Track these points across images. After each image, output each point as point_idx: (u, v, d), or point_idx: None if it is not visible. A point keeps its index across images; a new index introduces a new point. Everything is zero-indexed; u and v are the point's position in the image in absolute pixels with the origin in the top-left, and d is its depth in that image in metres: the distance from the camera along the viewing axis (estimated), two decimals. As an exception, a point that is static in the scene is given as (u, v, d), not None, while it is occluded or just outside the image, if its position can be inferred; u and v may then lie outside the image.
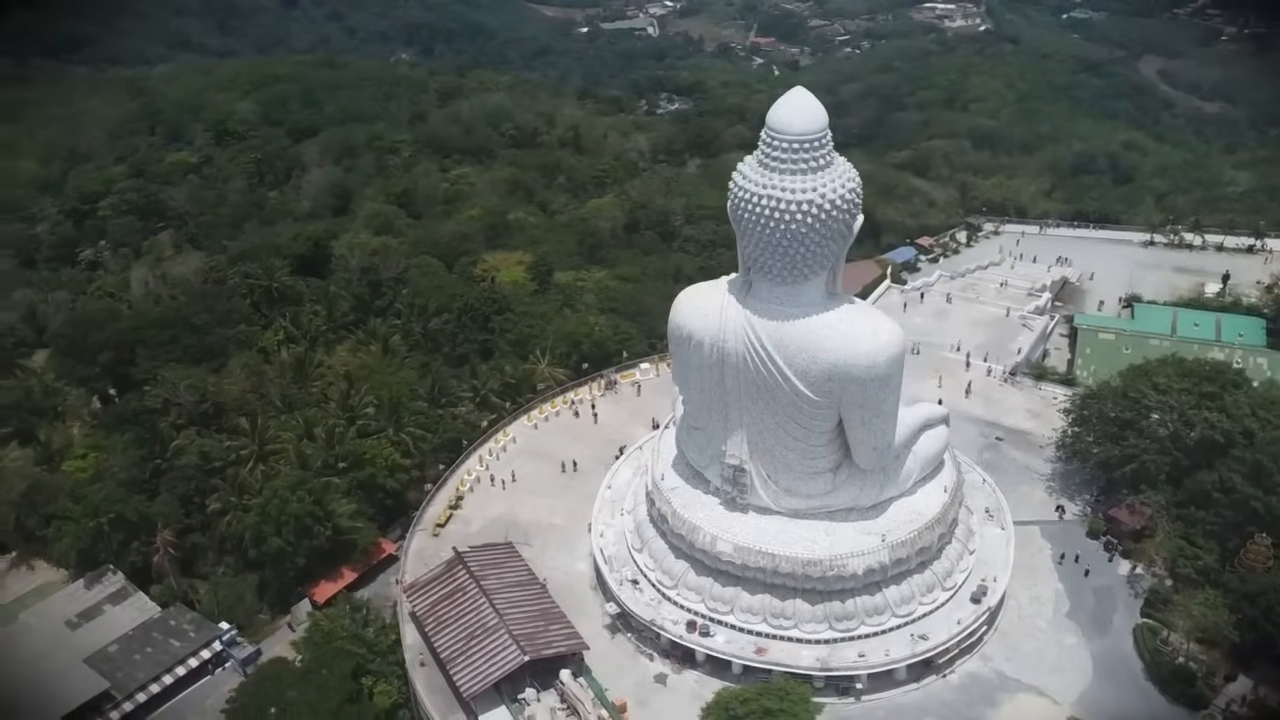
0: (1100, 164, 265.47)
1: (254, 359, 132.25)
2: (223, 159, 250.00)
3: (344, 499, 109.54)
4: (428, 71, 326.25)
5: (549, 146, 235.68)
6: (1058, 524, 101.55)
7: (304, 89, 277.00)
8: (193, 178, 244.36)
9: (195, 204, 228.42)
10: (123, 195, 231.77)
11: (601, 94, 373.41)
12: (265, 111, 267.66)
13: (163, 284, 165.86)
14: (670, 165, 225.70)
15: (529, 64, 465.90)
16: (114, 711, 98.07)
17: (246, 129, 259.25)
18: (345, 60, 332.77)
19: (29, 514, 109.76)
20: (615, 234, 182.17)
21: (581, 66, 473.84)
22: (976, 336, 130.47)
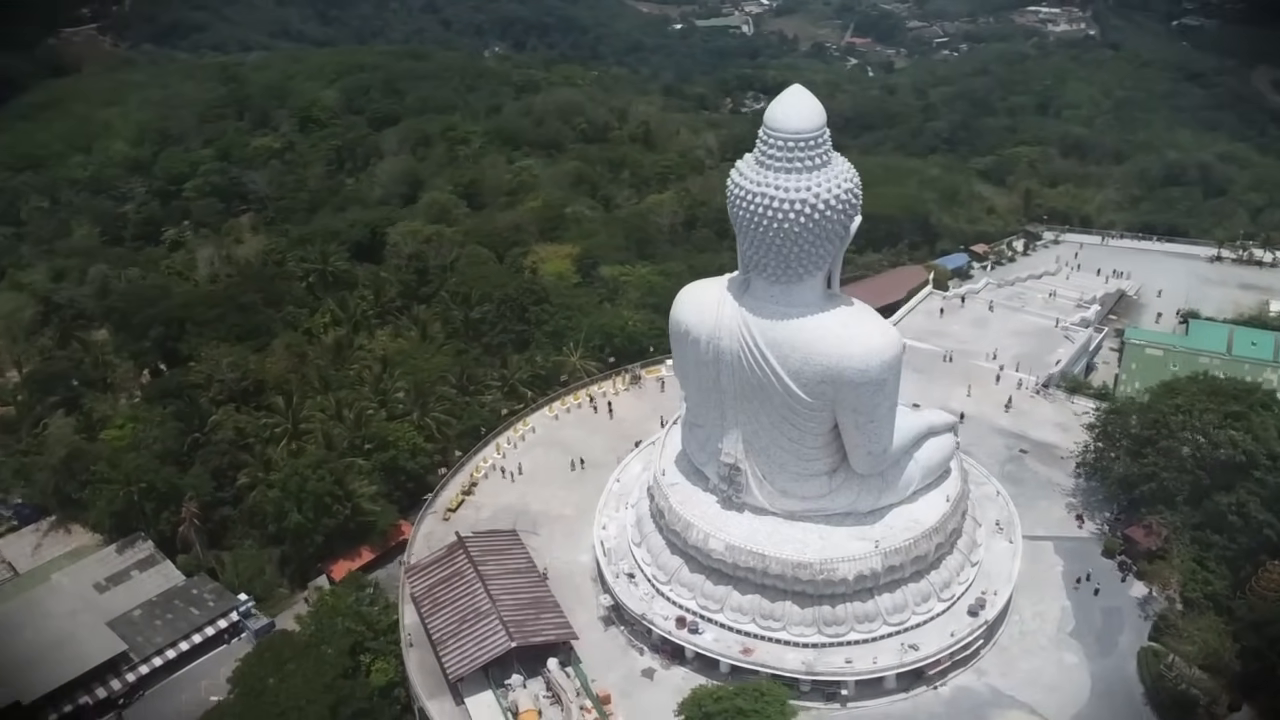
0: (1191, 175, 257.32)
1: (297, 340, 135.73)
2: (305, 145, 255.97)
3: (365, 480, 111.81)
4: (512, 65, 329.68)
5: (618, 142, 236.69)
6: (1072, 540, 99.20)
7: (387, 79, 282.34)
8: (275, 162, 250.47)
9: (275, 188, 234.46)
10: (207, 177, 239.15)
11: (687, 91, 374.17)
12: (349, 100, 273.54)
13: (227, 264, 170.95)
14: (729, 162, 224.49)
15: (621, 60, 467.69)
16: (130, 673, 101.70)
17: (329, 116, 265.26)
18: (429, 51, 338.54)
19: (67, 479, 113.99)
20: (674, 230, 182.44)
21: (673, 63, 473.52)
22: (1015, 347, 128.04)
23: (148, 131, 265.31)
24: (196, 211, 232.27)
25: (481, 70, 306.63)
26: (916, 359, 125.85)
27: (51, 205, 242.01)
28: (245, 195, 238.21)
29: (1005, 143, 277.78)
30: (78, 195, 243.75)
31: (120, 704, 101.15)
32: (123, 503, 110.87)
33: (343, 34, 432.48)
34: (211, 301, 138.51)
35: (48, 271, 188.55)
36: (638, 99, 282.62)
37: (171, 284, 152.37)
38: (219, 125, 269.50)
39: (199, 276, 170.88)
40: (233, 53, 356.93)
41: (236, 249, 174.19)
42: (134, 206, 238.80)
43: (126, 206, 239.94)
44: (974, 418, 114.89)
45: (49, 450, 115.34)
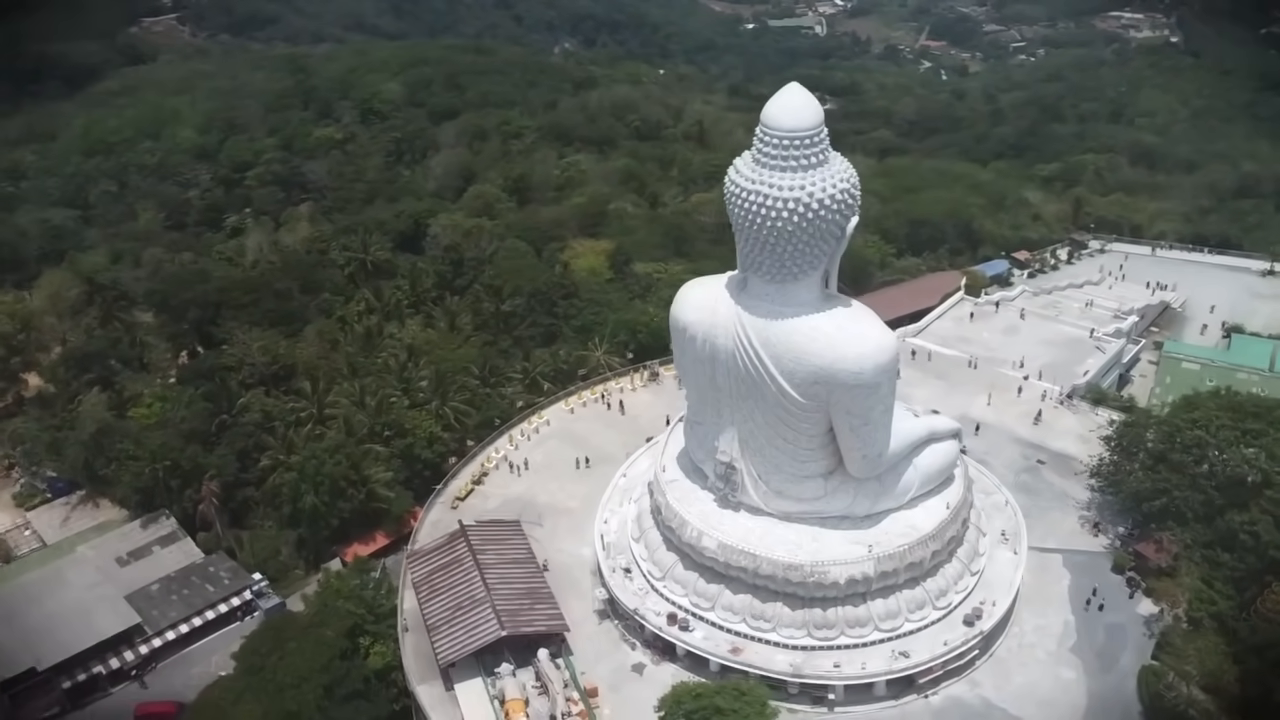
0: (1265, 187, 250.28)
1: (330, 327, 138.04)
2: (365, 136, 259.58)
3: (382, 466, 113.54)
4: (574, 61, 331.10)
5: (671, 140, 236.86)
6: (1082, 554, 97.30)
7: (449, 73, 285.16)
8: (336, 153, 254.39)
9: (333, 178, 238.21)
10: (269, 166, 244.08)
11: (752, 91, 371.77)
12: (410, 93, 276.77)
13: (274, 251, 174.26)
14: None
15: (691, 58, 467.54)
16: (143, 645, 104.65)
17: (391, 109, 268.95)
18: (493, 47, 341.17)
19: (96, 455, 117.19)
20: (717, 229, 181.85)
21: (744, 63, 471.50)
22: (1043, 356, 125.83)
23: (215, 120, 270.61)
24: (257, 199, 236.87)
25: (543, 66, 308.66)
26: (940, 365, 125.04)
27: (119, 190, 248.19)
28: (305, 184, 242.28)
29: (1072, 150, 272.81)
30: (145, 180, 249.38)
31: (133, 674, 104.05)
32: (147, 480, 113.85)
33: (415, 28, 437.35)
34: (248, 287, 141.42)
35: (107, 254, 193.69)
36: (694, 97, 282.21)
37: (213, 268, 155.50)
38: (284, 115, 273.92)
39: (246, 262, 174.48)
40: (305, 45, 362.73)
41: (283, 236, 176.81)
42: (198, 193, 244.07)
43: (191, 193, 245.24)
44: (993, 426, 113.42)
45: (80, 426, 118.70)
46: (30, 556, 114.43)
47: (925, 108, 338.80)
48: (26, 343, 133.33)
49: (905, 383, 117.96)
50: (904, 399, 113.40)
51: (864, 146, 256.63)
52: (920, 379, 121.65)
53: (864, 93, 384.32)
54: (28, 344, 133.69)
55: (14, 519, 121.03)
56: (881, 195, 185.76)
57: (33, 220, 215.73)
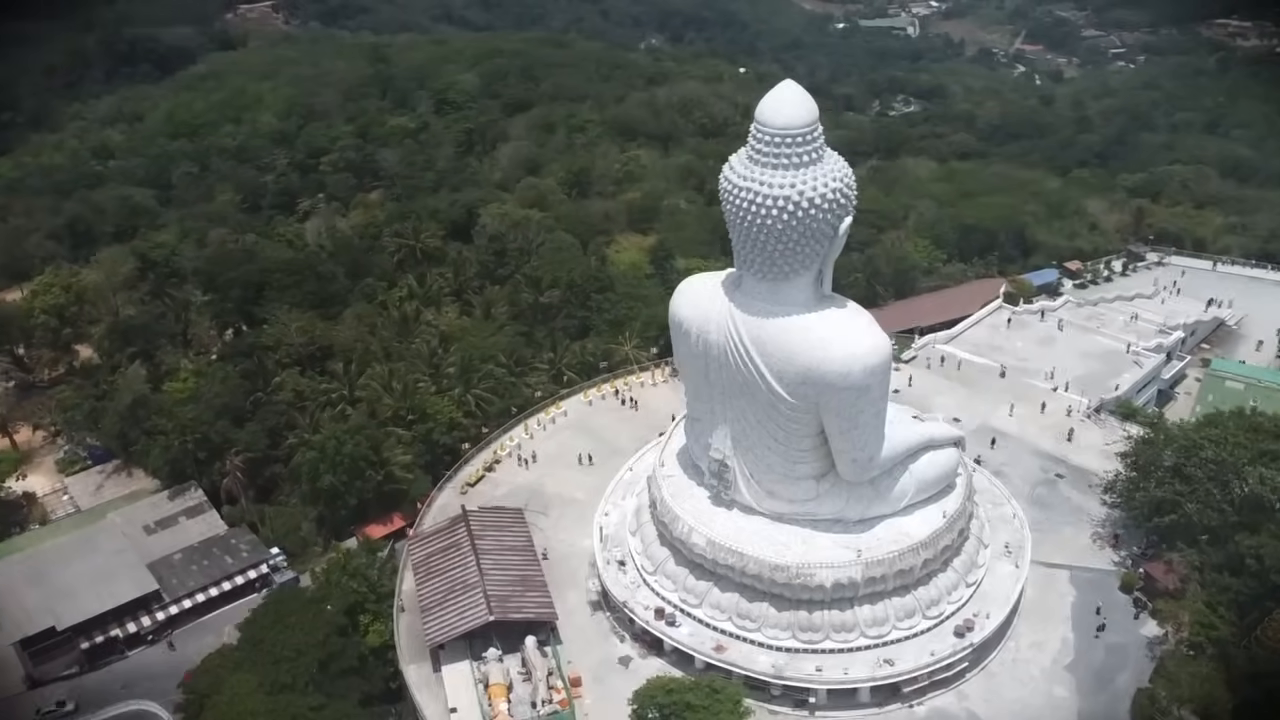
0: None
1: (369, 311, 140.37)
2: (438, 126, 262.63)
3: (402, 449, 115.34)
4: (653, 57, 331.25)
5: (736, 137, 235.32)
6: (1091, 572, 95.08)
7: (525, 65, 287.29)
8: (409, 141, 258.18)
9: (404, 166, 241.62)
10: (343, 153, 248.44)
11: (835, 91, 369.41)
12: (486, 84, 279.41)
13: (332, 235, 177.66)
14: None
15: (778, 57, 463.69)
16: (160, 611, 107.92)
17: (465, 99, 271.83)
18: (570, 40, 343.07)
19: (132, 425, 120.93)
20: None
21: (831, 63, 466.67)
22: (1077, 368, 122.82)
23: (295, 106, 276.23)
24: (331, 185, 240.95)
25: (619, 61, 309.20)
26: (969, 372, 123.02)
27: (200, 171, 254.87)
28: (377, 172, 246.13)
29: (1158, 160, 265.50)
30: (225, 163, 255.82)
31: (149, 639, 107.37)
32: (177, 452, 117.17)
33: (502, 20, 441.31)
34: (291, 269, 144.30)
35: (177, 233, 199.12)
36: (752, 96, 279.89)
37: (269, 250, 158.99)
38: (362, 103, 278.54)
39: (306, 246, 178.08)
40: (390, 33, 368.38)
41: (340, 221, 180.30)
42: (273, 177, 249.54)
43: (267, 176, 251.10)
44: (1014, 437, 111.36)
45: (118, 397, 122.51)
46: (64, 520, 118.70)
47: (1009, 112, 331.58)
48: (79, 315, 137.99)
49: (929, 389, 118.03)
50: (925, 405, 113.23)
51: (939, 150, 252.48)
52: (946, 386, 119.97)
53: (950, 96, 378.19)
54: (80, 316, 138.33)
55: (54, 484, 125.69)
56: (939, 199, 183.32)
57: (112, 197, 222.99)
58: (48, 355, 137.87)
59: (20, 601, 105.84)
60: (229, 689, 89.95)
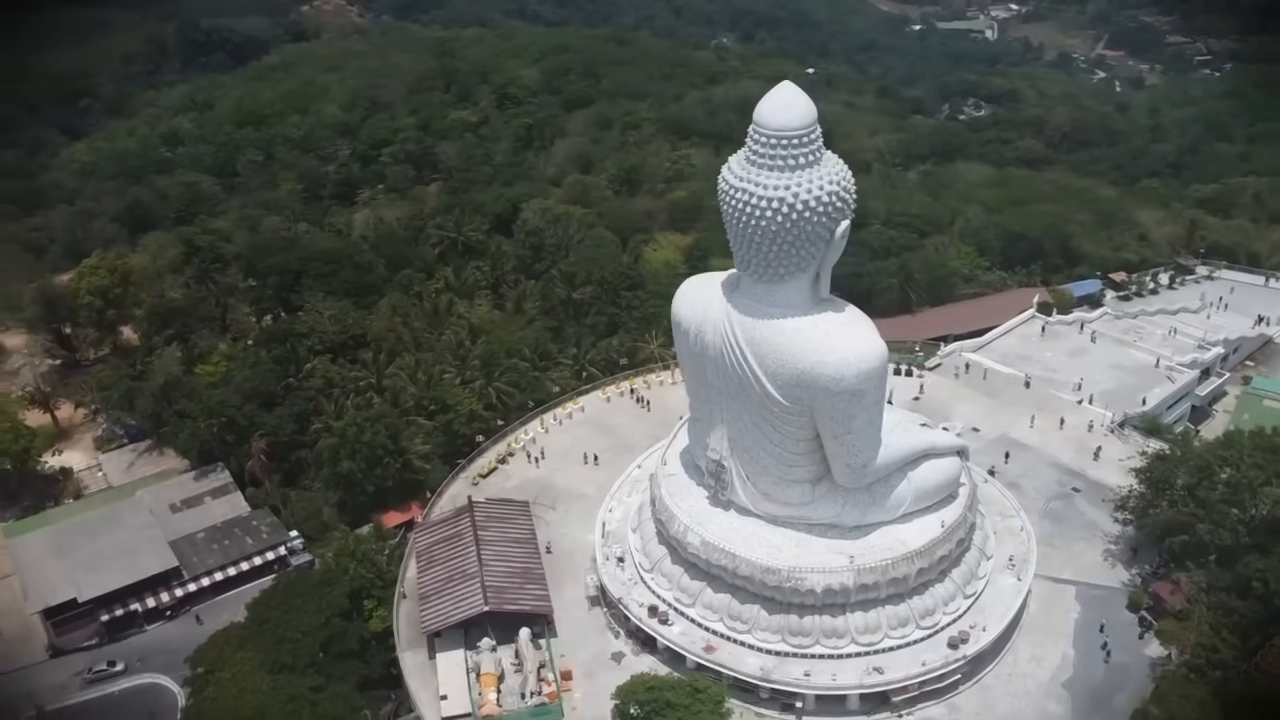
0: None
1: (403, 301, 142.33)
2: (499, 121, 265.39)
3: (421, 439, 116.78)
4: (717, 56, 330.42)
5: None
6: (1099, 589, 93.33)
7: (587, 62, 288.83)
8: (469, 135, 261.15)
9: (462, 160, 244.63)
10: (404, 145, 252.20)
11: (904, 94, 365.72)
12: (547, 80, 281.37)
13: (379, 225, 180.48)
14: (901, 168, 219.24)
15: (850, 58, 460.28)
16: (179, 588, 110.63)
17: (526, 95, 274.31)
18: (634, 38, 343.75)
19: (164, 406, 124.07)
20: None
21: (905, 65, 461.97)
22: (1107, 381, 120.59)
23: (360, 98, 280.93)
24: (390, 176, 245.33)
25: (682, 59, 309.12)
26: (995, 382, 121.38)
27: (265, 160, 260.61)
28: (436, 164, 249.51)
29: (1232, 171, 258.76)
30: (289, 152, 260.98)
31: (168, 615, 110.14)
32: (204, 433, 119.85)
33: (575, 16, 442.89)
34: (328, 257, 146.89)
35: (236, 220, 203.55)
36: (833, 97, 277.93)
37: (311, 239, 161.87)
38: (425, 96, 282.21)
39: (354, 235, 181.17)
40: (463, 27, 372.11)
41: (388, 212, 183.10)
42: (334, 167, 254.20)
43: (329, 167, 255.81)
44: (1034, 449, 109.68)
45: (152, 378, 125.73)
46: (96, 496, 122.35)
47: (1080, 119, 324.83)
48: (123, 297, 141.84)
49: (950, 397, 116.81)
50: (945, 413, 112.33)
51: (1003, 156, 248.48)
52: (968, 395, 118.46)
53: (1023, 100, 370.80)
54: (124, 299, 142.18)
55: (90, 459, 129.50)
56: (988, 205, 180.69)
57: (175, 184, 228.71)
58: (93, 335, 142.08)
59: (46, 572, 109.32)
60: (232, 666, 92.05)
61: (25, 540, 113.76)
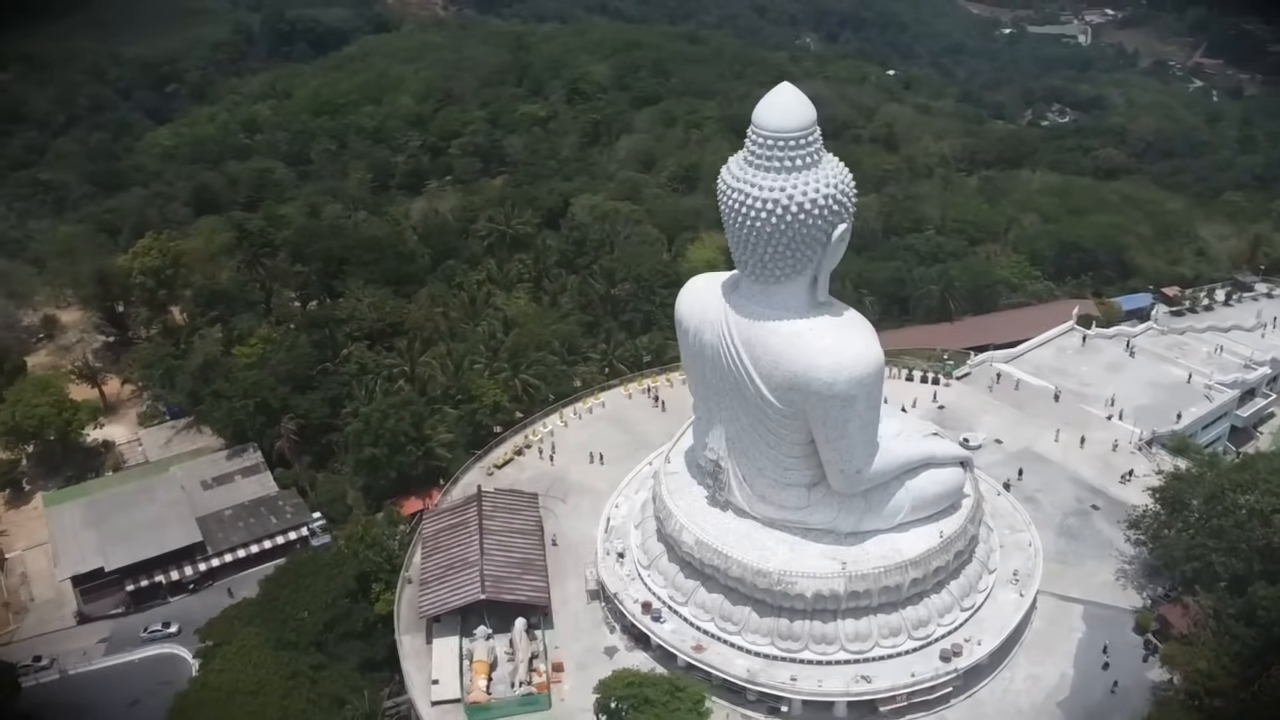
0: None
1: (442, 291, 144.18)
2: (567, 116, 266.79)
3: (445, 428, 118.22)
4: (790, 56, 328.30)
5: (854, 140, 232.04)
6: (1106, 609, 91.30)
7: (658, 59, 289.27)
8: (537, 129, 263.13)
9: (528, 154, 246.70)
10: (472, 138, 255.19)
11: (986, 99, 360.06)
12: (618, 76, 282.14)
13: (432, 216, 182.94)
14: (965, 174, 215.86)
15: (936, 60, 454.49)
16: (202, 563, 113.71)
17: (596, 90, 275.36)
18: (707, 36, 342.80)
19: (202, 385, 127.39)
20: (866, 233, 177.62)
21: (992, 69, 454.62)
22: (1141, 397, 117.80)
23: (433, 89, 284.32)
24: (458, 168, 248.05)
25: (753, 58, 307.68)
26: (1024, 394, 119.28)
27: (338, 149, 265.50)
28: (503, 158, 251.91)
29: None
30: (362, 142, 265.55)
31: (190, 588, 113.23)
32: (238, 413, 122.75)
33: (657, 13, 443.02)
34: (372, 246, 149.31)
35: (301, 207, 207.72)
36: (908, 100, 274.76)
37: (336, 223, 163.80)
38: (496, 90, 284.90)
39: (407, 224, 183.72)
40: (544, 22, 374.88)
41: (442, 203, 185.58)
42: (404, 158, 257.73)
43: (399, 157, 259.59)
44: (1055, 463, 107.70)
45: (192, 358, 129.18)
46: (133, 470, 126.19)
47: (1165, 129, 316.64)
48: (174, 278, 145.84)
49: (976, 407, 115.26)
50: (968, 424, 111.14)
51: (1079, 164, 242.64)
52: (995, 405, 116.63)
53: (1109, 108, 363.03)
54: (175, 280, 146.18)
55: (132, 434, 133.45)
56: (1045, 214, 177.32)
57: (246, 169, 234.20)
58: (144, 314, 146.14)
59: (77, 541, 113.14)
60: (239, 641, 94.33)
61: (62, 509, 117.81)
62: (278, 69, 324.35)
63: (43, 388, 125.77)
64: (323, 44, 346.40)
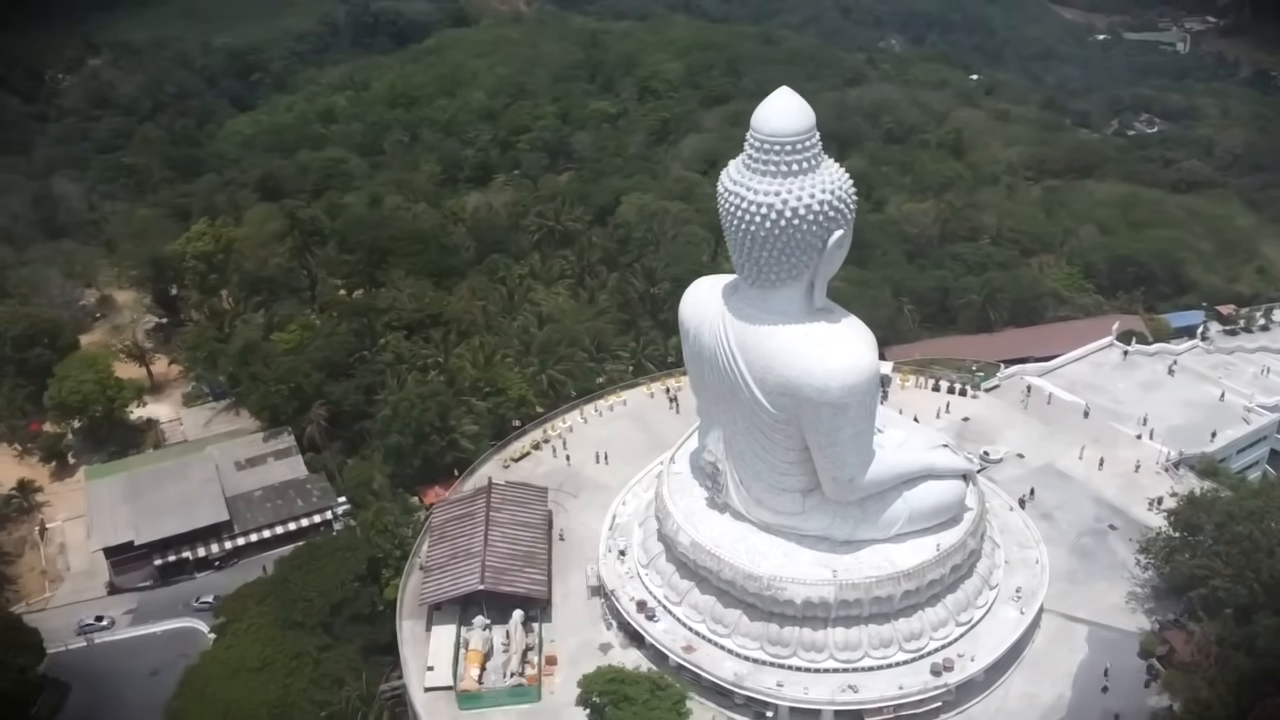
0: None
1: (484, 285, 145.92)
2: (636, 114, 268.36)
3: (471, 419, 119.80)
4: (867, 58, 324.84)
5: (921, 145, 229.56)
6: (1113, 631, 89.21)
7: (731, 58, 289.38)
8: (605, 126, 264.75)
9: (595, 150, 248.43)
10: (540, 133, 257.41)
11: (1071, 106, 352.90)
12: (689, 75, 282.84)
13: (487, 210, 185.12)
14: (1031, 182, 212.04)
15: (1025, 65, 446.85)
16: (229, 541, 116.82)
17: (667, 89, 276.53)
18: (782, 36, 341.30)
19: (241, 369, 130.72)
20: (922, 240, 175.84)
21: (1085, 76, 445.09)
22: (1176, 417, 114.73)
23: (506, 84, 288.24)
24: (525, 163, 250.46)
25: (828, 59, 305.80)
26: (1053, 408, 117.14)
27: (410, 141, 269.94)
28: (570, 154, 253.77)
29: None
30: (433, 135, 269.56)
31: (215, 565, 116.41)
32: (274, 397, 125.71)
33: (740, 11, 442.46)
34: (416, 237, 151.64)
35: (365, 197, 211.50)
36: (960, 105, 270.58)
37: (381, 214, 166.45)
38: (568, 85, 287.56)
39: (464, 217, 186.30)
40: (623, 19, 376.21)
41: (495, 197, 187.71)
42: (473, 151, 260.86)
43: (468, 150, 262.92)
44: (1076, 481, 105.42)
45: (234, 341, 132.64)
46: (172, 448, 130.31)
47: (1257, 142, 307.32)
48: (225, 263, 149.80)
49: (1001, 420, 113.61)
50: (990, 437, 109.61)
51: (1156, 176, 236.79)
52: (1021, 419, 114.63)
53: (1202, 118, 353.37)
54: (226, 265, 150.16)
55: (175, 413, 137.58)
56: (1103, 226, 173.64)
57: (318, 159, 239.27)
58: (195, 298, 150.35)
59: (111, 514, 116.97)
60: (249, 618, 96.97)
61: (100, 483, 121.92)
62: (357, 60, 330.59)
63: (89, 365, 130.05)
64: (404, 37, 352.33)
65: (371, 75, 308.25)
